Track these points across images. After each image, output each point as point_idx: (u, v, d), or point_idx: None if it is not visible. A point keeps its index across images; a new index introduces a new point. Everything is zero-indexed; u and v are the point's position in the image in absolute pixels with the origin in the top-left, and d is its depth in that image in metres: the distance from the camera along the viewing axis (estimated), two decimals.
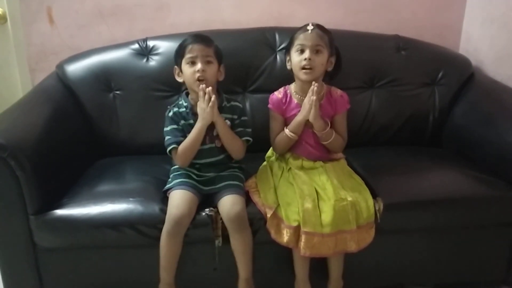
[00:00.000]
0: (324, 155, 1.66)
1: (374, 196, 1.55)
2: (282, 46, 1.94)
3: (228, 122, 1.58)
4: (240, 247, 1.48)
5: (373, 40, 2.04)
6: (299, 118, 1.59)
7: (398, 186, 1.63)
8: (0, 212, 1.49)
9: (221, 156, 1.62)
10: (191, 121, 1.57)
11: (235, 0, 2.08)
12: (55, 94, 1.82)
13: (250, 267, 1.51)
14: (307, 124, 1.59)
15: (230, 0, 2.07)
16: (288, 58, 1.64)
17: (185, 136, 1.56)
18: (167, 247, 1.47)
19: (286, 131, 1.61)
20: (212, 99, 1.48)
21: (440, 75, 2.01)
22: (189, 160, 1.57)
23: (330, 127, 1.60)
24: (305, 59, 1.54)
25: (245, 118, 1.65)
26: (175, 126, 1.58)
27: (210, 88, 1.49)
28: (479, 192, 1.62)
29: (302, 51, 1.56)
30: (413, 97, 1.99)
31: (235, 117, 1.62)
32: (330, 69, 1.63)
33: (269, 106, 1.66)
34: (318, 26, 1.58)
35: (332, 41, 1.60)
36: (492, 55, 2.07)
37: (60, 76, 1.90)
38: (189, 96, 1.62)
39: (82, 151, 1.79)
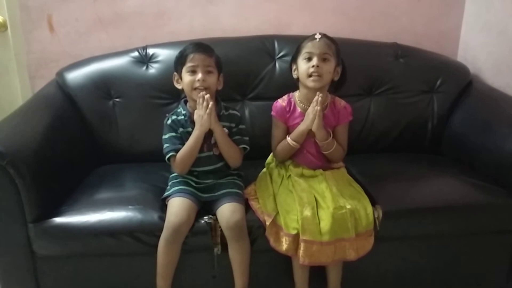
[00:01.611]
0: (325, 164, 1.66)
1: (373, 203, 1.55)
2: (281, 54, 1.95)
3: (226, 130, 1.58)
4: (238, 256, 1.48)
5: (371, 48, 2.05)
6: (302, 127, 1.59)
7: (397, 193, 1.63)
8: None
9: (219, 164, 1.62)
10: (190, 129, 1.57)
11: (234, 8, 2.09)
12: (55, 101, 1.82)
13: (247, 276, 1.51)
14: (309, 133, 1.59)
15: (229, 8, 2.08)
16: (294, 67, 1.64)
17: (183, 144, 1.56)
18: (165, 255, 1.46)
19: (288, 139, 1.61)
20: (210, 106, 1.48)
21: (438, 82, 2.02)
22: (188, 168, 1.57)
23: (332, 137, 1.61)
24: (313, 66, 1.54)
25: (243, 126, 1.65)
26: (173, 134, 1.58)
27: (208, 94, 1.50)
28: (478, 199, 1.62)
29: (309, 59, 1.56)
30: (412, 104, 2.00)
31: (233, 125, 1.62)
32: (336, 78, 1.63)
33: (273, 113, 1.66)
34: (325, 36, 1.59)
35: (338, 51, 1.60)
36: (490, 62, 2.07)
37: (60, 84, 1.90)
38: (188, 104, 1.62)
39: (81, 158, 1.78)
